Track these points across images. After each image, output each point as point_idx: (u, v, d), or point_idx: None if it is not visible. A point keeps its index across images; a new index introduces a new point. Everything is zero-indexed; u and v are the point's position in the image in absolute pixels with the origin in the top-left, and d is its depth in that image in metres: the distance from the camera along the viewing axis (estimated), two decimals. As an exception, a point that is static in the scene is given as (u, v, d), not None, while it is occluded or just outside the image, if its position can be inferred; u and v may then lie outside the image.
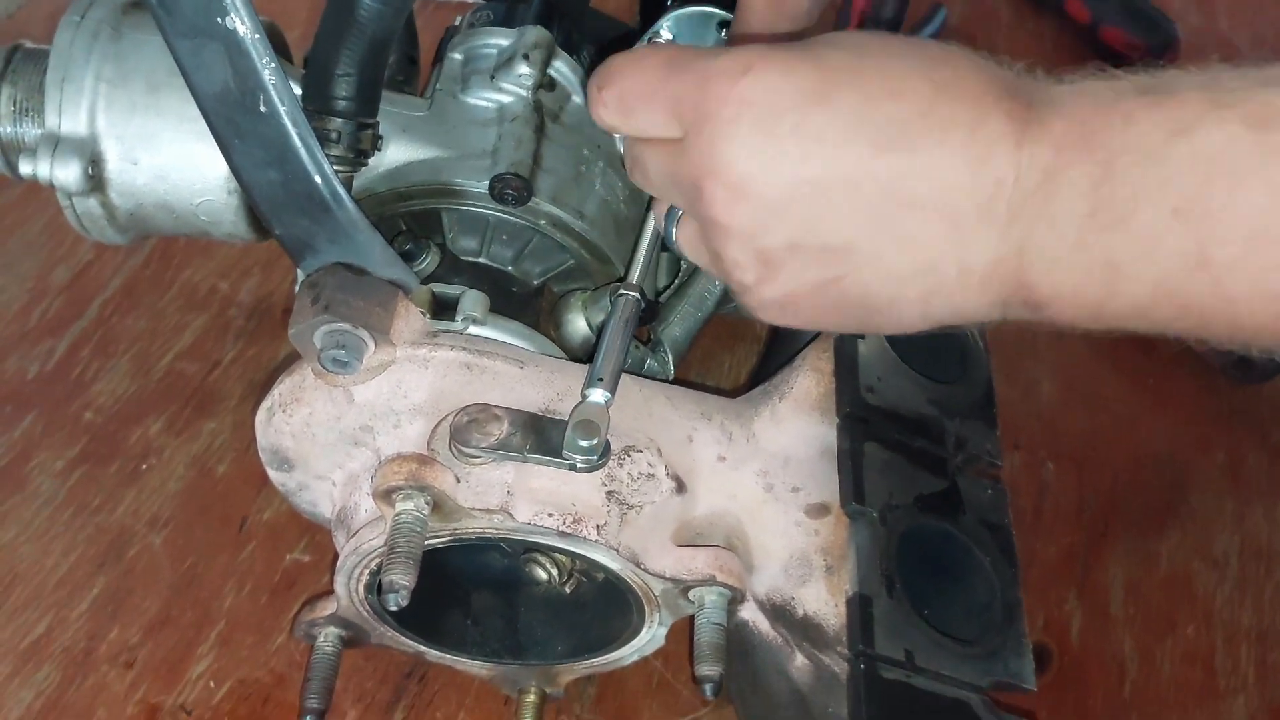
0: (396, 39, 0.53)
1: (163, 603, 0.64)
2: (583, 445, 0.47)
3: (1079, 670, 0.69)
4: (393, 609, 0.46)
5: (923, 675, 0.49)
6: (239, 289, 0.77)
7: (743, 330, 0.80)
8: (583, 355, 0.59)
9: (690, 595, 0.52)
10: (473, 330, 0.54)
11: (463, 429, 0.48)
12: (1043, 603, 0.70)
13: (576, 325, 0.60)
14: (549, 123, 0.60)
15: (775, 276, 0.44)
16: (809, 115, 0.41)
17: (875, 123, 0.41)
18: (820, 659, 0.52)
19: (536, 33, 0.61)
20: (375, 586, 0.52)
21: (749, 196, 0.42)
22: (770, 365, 0.63)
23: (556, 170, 0.59)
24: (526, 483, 0.49)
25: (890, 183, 0.41)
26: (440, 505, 0.48)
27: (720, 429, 0.55)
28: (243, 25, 0.43)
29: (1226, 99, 0.37)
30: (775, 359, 0.63)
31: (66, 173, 0.55)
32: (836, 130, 0.41)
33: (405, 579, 0.45)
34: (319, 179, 0.47)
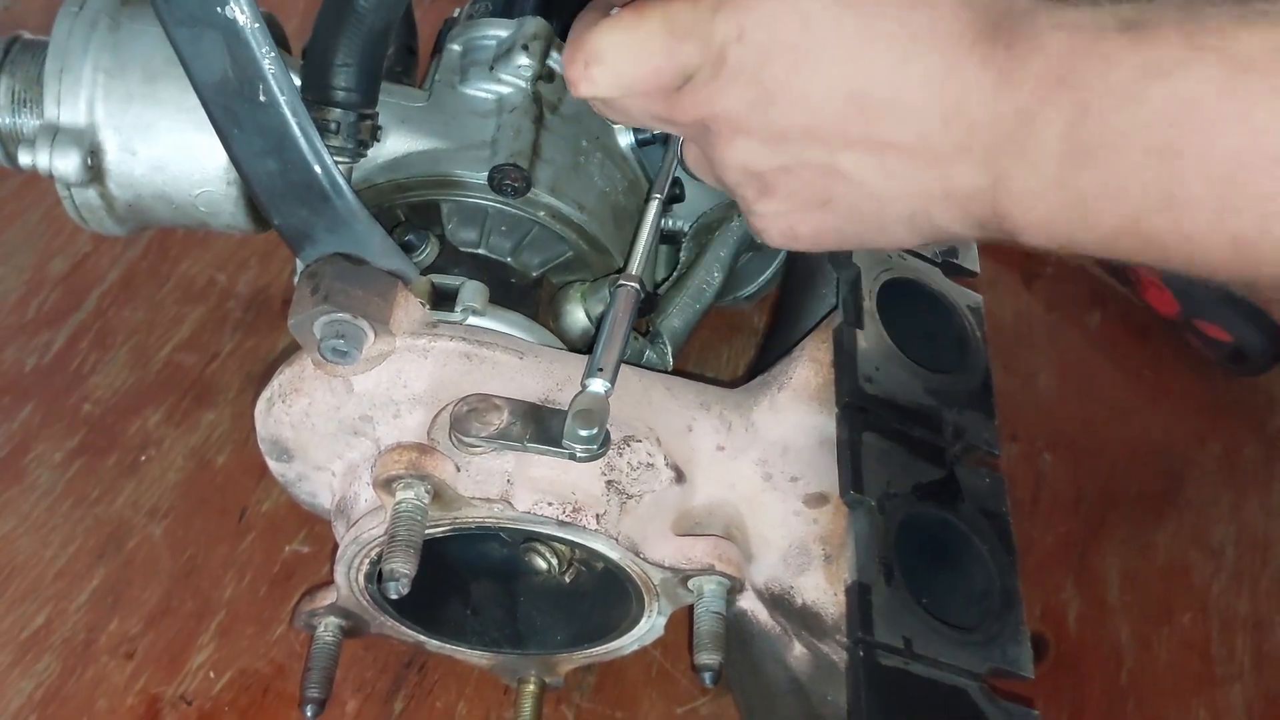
0: (395, 30, 0.53)
1: (162, 593, 0.64)
2: (582, 434, 0.47)
3: (1076, 658, 0.69)
4: (393, 597, 0.46)
5: (921, 663, 0.49)
6: (237, 281, 0.77)
7: (740, 322, 0.80)
8: (581, 346, 0.60)
9: (689, 584, 0.52)
10: (472, 321, 0.54)
11: (463, 418, 0.48)
12: (1040, 592, 0.71)
13: (575, 316, 0.61)
14: (548, 114, 0.60)
15: (772, 193, 0.48)
16: (793, 74, 0.44)
17: (851, 74, 0.43)
18: (819, 647, 0.52)
19: (535, 24, 0.61)
20: (375, 576, 0.53)
21: (747, 136, 0.46)
22: (768, 357, 0.63)
23: (555, 161, 0.59)
24: (526, 472, 0.49)
25: (869, 127, 0.44)
26: (440, 494, 0.48)
27: (719, 419, 0.55)
28: (242, 14, 0.43)
29: (1204, 39, 0.37)
30: (773, 350, 0.63)
31: (65, 163, 0.55)
32: (819, 84, 0.44)
33: (406, 567, 0.45)
34: (318, 169, 0.47)
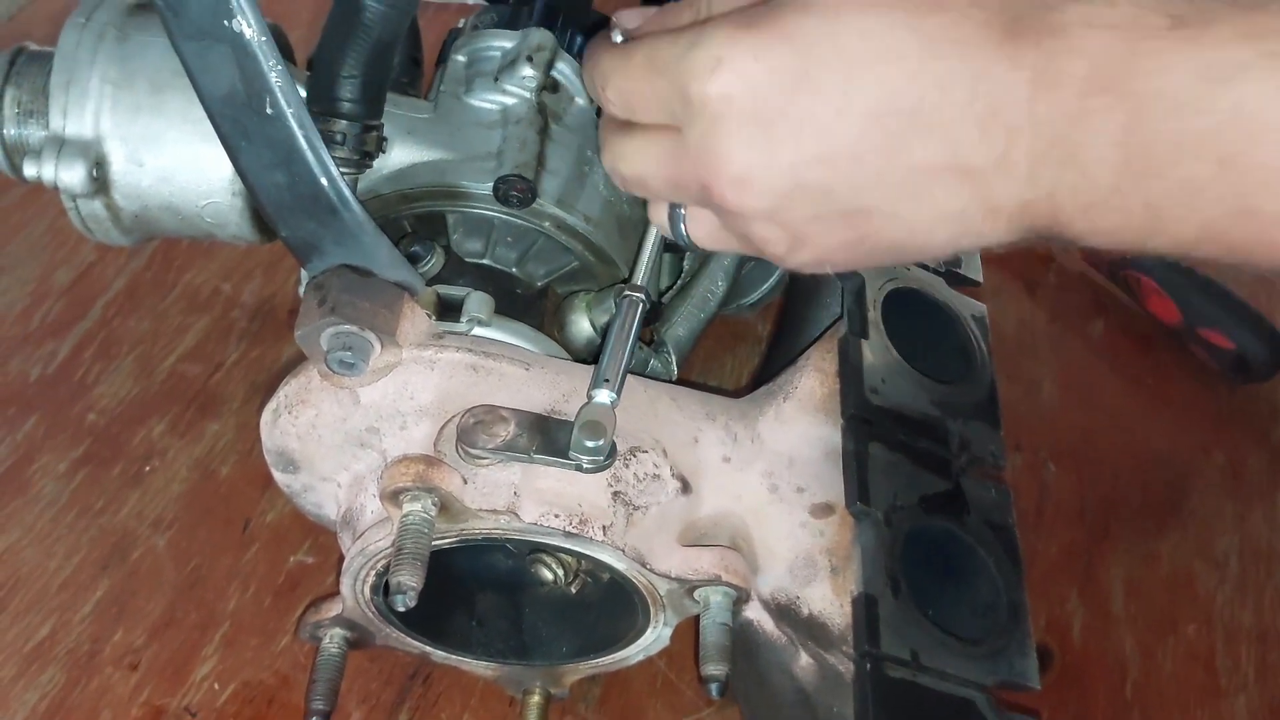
0: (401, 41, 0.53)
1: (167, 605, 0.64)
2: (589, 446, 0.47)
3: (1080, 670, 0.69)
4: (401, 610, 0.46)
5: (928, 674, 0.49)
6: (241, 291, 0.77)
7: (745, 331, 0.80)
8: (587, 357, 0.60)
9: (695, 595, 0.52)
10: (478, 332, 0.54)
11: (469, 430, 0.48)
12: (1044, 602, 0.71)
13: (580, 326, 0.61)
14: (552, 124, 0.60)
15: (804, 245, 0.44)
16: (794, 98, 0.40)
17: (864, 91, 0.39)
18: (825, 659, 0.52)
19: (540, 35, 0.62)
20: (381, 588, 0.53)
21: (756, 186, 0.42)
22: (773, 366, 0.63)
23: (560, 172, 0.59)
24: (533, 483, 0.49)
25: (894, 148, 0.40)
26: (447, 506, 0.48)
27: (725, 430, 0.55)
28: (249, 28, 0.43)
29: (1265, 42, 0.34)
30: (778, 360, 0.64)
31: (71, 175, 0.55)
32: (826, 106, 0.40)
33: (413, 580, 0.45)
34: (325, 181, 0.47)
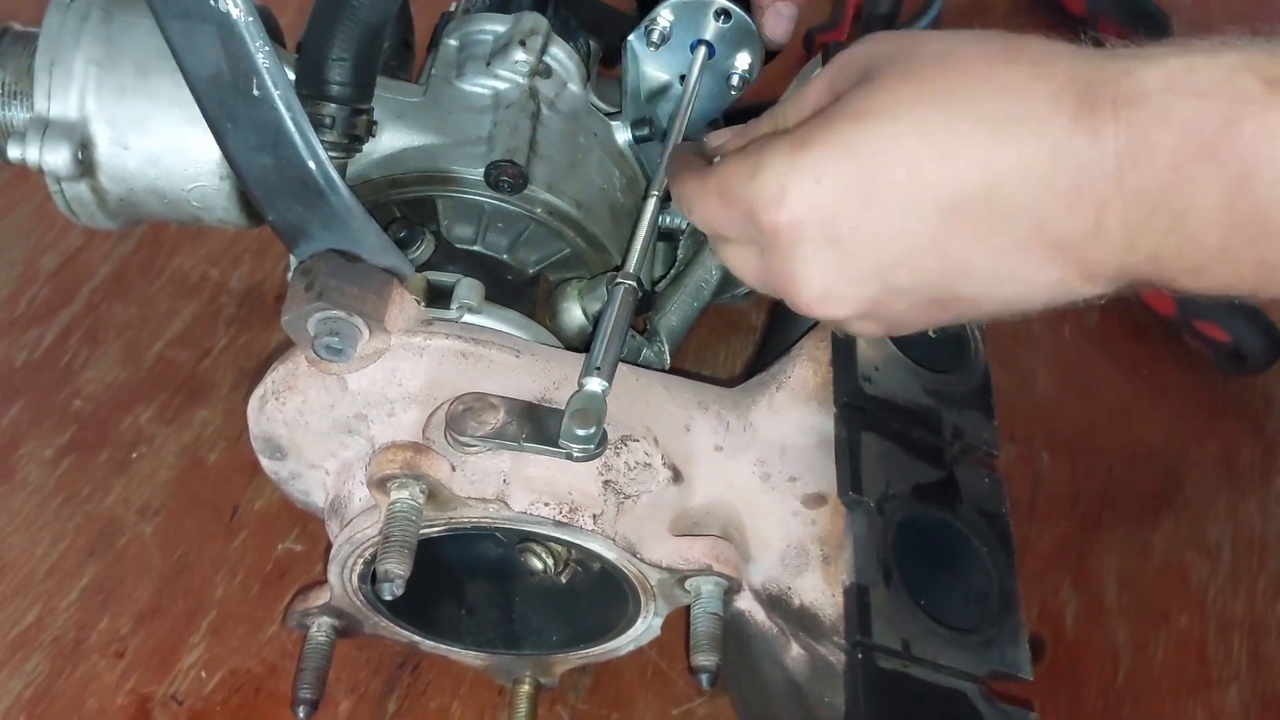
0: (391, 24, 0.52)
1: (153, 592, 0.63)
2: (579, 434, 0.47)
3: (1073, 659, 0.69)
4: (388, 598, 0.45)
5: (920, 665, 0.49)
6: (230, 276, 0.77)
7: (738, 320, 0.80)
8: (578, 345, 0.59)
9: (686, 585, 0.52)
10: (468, 318, 0.53)
11: (458, 417, 0.48)
12: (1037, 592, 0.71)
13: (572, 314, 0.60)
14: (545, 110, 0.60)
15: (901, 327, 0.45)
16: (864, 211, 0.40)
17: (936, 189, 0.39)
18: (816, 649, 0.52)
19: (533, 19, 0.61)
20: (369, 576, 0.52)
21: (839, 301, 0.43)
22: (766, 356, 0.62)
23: (552, 157, 0.59)
24: (522, 471, 0.49)
25: (977, 236, 0.39)
26: (435, 494, 0.48)
27: (717, 418, 0.55)
28: (236, 8, 0.43)
29: None
30: (771, 349, 0.63)
31: (56, 157, 0.54)
32: (898, 212, 0.40)
33: (400, 568, 0.45)
34: (313, 164, 0.46)
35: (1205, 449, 0.80)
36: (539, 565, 0.55)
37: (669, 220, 0.66)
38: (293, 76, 0.49)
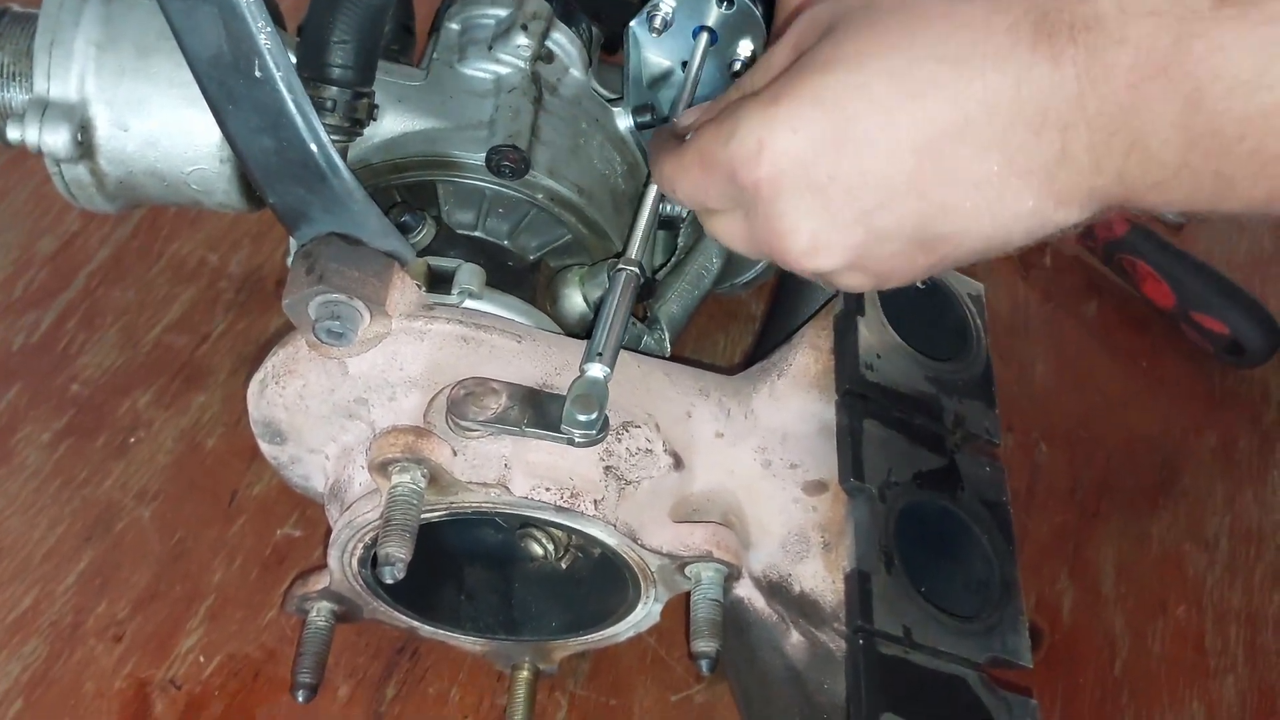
0: (393, 7, 0.52)
1: (151, 577, 0.63)
2: (581, 419, 0.47)
3: (1070, 649, 0.69)
4: (389, 581, 0.45)
5: (920, 651, 0.49)
6: (229, 261, 0.76)
7: (737, 309, 0.80)
8: (579, 331, 0.59)
9: (686, 571, 0.52)
10: (469, 304, 0.53)
11: (460, 402, 0.47)
12: (1035, 582, 0.71)
13: (573, 301, 0.60)
14: (547, 95, 0.60)
15: (890, 277, 0.45)
16: (841, 157, 0.41)
17: (908, 129, 0.40)
18: (816, 636, 0.52)
19: (535, 3, 0.61)
20: (369, 560, 0.52)
21: (828, 250, 0.43)
22: (766, 344, 0.62)
23: (554, 143, 0.58)
24: (524, 456, 0.49)
25: (952, 172, 0.40)
26: (437, 478, 0.48)
27: (718, 405, 0.55)
28: (238, -12, 0.42)
29: None
30: (771, 338, 0.63)
31: (55, 139, 0.54)
32: (875, 154, 0.40)
33: (401, 552, 0.45)
34: (314, 147, 0.46)
35: (1203, 440, 0.80)
36: (539, 551, 0.55)
37: (670, 208, 0.66)
38: (294, 59, 0.49)
